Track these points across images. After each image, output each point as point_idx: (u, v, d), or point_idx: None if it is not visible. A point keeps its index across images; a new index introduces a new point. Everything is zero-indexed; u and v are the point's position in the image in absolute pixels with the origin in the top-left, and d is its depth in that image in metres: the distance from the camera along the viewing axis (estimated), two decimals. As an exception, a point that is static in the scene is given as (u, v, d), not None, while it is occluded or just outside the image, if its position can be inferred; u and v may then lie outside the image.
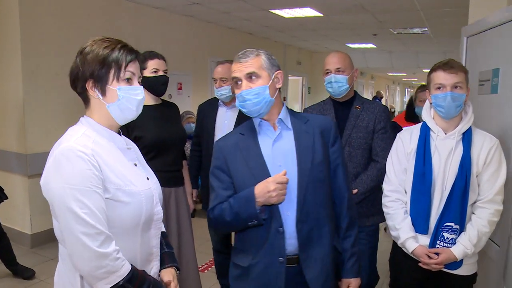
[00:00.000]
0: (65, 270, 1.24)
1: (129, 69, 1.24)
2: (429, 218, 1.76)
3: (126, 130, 2.08)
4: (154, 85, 2.30)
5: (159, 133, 2.26)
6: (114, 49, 1.22)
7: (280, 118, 1.52)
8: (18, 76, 3.85)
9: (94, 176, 1.13)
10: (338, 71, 2.21)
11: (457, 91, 1.70)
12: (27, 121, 3.90)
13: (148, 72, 2.27)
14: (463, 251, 1.70)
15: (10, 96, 3.97)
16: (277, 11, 5.56)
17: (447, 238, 1.73)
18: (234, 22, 6.43)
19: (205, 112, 2.89)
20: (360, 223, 2.27)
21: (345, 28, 6.74)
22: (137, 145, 1.45)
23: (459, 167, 1.71)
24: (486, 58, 2.22)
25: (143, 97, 1.29)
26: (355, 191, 2.18)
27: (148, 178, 1.33)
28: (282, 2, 5.08)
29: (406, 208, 1.85)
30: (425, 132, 1.81)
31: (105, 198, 1.16)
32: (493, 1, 3.13)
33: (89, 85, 1.21)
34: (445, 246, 1.73)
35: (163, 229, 1.45)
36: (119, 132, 1.32)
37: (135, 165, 1.32)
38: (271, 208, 1.45)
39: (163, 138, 2.27)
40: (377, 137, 2.23)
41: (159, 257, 1.38)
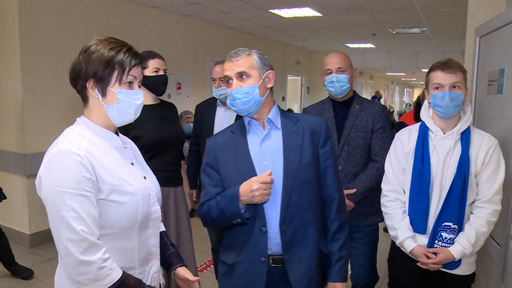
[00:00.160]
0: (66, 271, 1.23)
1: (132, 73, 1.23)
2: (428, 217, 1.76)
3: (125, 129, 2.07)
4: (155, 85, 2.30)
5: (157, 132, 2.26)
6: (120, 52, 1.21)
7: (269, 118, 1.52)
8: (17, 76, 3.84)
9: (84, 179, 1.12)
10: (339, 71, 2.20)
11: (456, 91, 1.70)
12: (26, 121, 3.89)
13: (149, 72, 2.27)
14: (462, 251, 1.70)
15: (9, 96, 3.96)
16: (276, 11, 5.56)
17: (446, 238, 1.73)
18: (233, 22, 6.42)
19: (204, 112, 2.89)
20: (359, 222, 2.28)
21: (344, 28, 6.74)
22: (136, 145, 1.44)
23: (458, 167, 1.71)
24: (495, 58, 2.21)
25: (142, 102, 1.29)
26: (354, 190, 2.18)
27: (145, 177, 1.32)
28: (281, 2, 5.08)
29: (405, 208, 1.85)
30: (424, 132, 1.81)
31: (99, 199, 1.16)
32: (492, 1, 3.14)
33: (89, 84, 1.20)
34: (443, 246, 1.74)
35: (163, 229, 1.45)
36: (116, 132, 1.31)
37: (132, 164, 1.31)
38: (256, 207, 1.45)
39: (161, 138, 2.28)
40: (376, 137, 2.23)
41: (159, 257, 1.38)
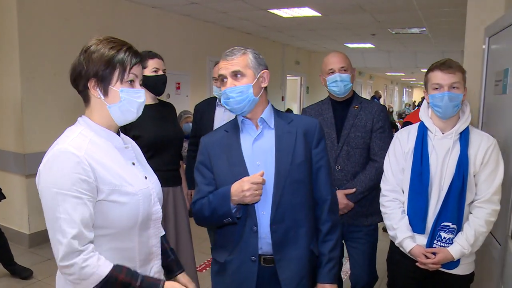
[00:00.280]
0: None
1: (133, 71, 1.24)
2: (427, 217, 1.76)
3: (124, 129, 2.07)
4: (155, 84, 2.31)
5: (156, 132, 2.26)
6: (120, 51, 1.21)
7: (262, 117, 1.52)
8: (16, 75, 3.84)
9: (80, 181, 1.11)
10: (342, 70, 2.21)
11: (455, 91, 1.70)
12: (25, 120, 3.89)
13: (148, 71, 2.27)
14: (460, 251, 1.71)
15: (8, 95, 3.96)
16: (275, 11, 5.56)
17: (444, 237, 1.73)
18: (233, 22, 6.42)
19: (203, 111, 2.89)
20: (359, 222, 2.28)
21: (343, 28, 6.74)
22: None
23: (457, 167, 1.71)
24: (502, 58, 2.20)
25: (144, 100, 1.29)
26: (353, 190, 2.18)
27: (146, 177, 1.32)
28: (281, 2, 5.07)
29: (404, 208, 1.86)
30: (423, 132, 1.81)
31: (100, 200, 1.16)
32: (491, 1, 3.14)
33: (91, 84, 1.21)
34: (442, 245, 1.74)
35: (163, 233, 1.45)
36: (118, 132, 1.31)
37: (133, 164, 1.31)
38: (247, 206, 1.46)
39: (160, 138, 2.28)
40: (376, 137, 2.23)
41: (160, 257, 1.38)
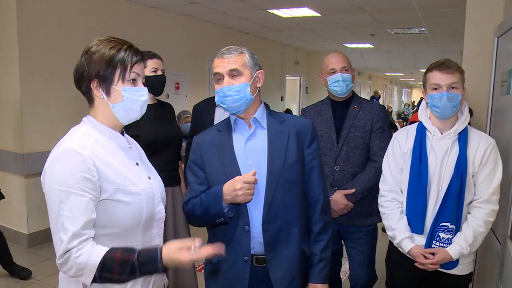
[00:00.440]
0: None
1: (135, 70, 1.24)
2: (425, 218, 1.76)
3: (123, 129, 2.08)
4: (154, 84, 2.31)
5: (155, 132, 2.27)
6: (120, 50, 1.22)
7: (255, 117, 1.52)
8: (15, 75, 3.84)
9: (84, 179, 1.12)
10: (344, 70, 2.21)
11: (453, 92, 1.70)
12: (24, 120, 3.88)
13: (147, 71, 2.27)
14: (459, 251, 1.71)
15: (7, 95, 3.96)
16: (274, 11, 5.56)
17: (443, 238, 1.73)
18: (232, 22, 6.42)
19: (202, 112, 2.88)
20: (358, 223, 2.27)
21: (342, 28, 6.75)
22: None
23: (455, 167, 1.71)
24: (508, 58, 2.20)
25: (147, 98, 1.30)
26: (353, 190, 2.18)
27: (149, 177, 1.32)
28: (280, 2, 5.08)
29: (402, 208, 1.86)
30: (421, 132, 1.81)
31: (103, 199, 1.16)
32: (490, 1, 3.14)
33: (94, 85, 1.21)
34: (441, 246, 1.74)
35: None
36: (122, 132, 1.32)
37: (137, 164, 1.32)
38: (239, 206, 1.45)
39: (159, 137, 2.28)
40: (375, 137, 2.23)
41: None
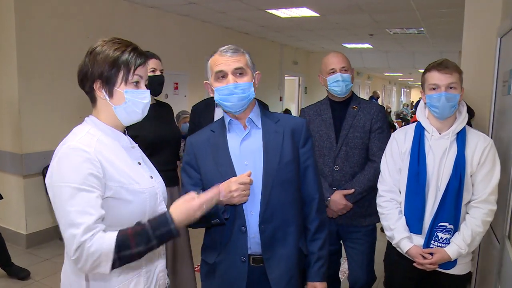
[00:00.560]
0: (72, 269, 1.25)
1: (138, 72, 1.24)
2: (424, 218, 1.76)
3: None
4: (152, 84, 2.30)
5: (154, 132, 2.26)
6: (125, 51, 1.22)
7: (250, 118, 1.52)
8: (13, 75, 3.83)
9: (91, 176, 1.12)
10: (343, 70, 2.21)
11: (452, 92, 1.70)
12: (22, 120, 3.87)
13: None
14: (457, 251, 1.71)
15: (6, 95, 3.95)
16: (273, 11, 5.56)
17: (441, 238, 1.73)
18: (231, 22, 6.42)
19: (201, 112, 2.87)
20: (357, 223, 2.27)
21: (341, 28, 6.75)
22: None
23: (453, 167, 1.71)
24: (510, 58, 2.20)
25: (150, 101, 1.29)
26: (352, 191, 2.18)
27: (152, 177, 1.33)
28: (279, 2, 5.08)
29: (401, 208, 1.86)
30: (420, 132, 1.81)
31: (107, 197, 1.17)
32: (489, 1, 3.15)
33: (97, 85, 1.22)
34: (439, 246, 1.74)
35: None
36: (124, 132, 1.32)
37: (139, 163, 1.33)
38: (235, 207, 1.45)
39: (157, 137, 2.28)
40: (374, 137, 2.22)
41: (164, 256, 1.40)
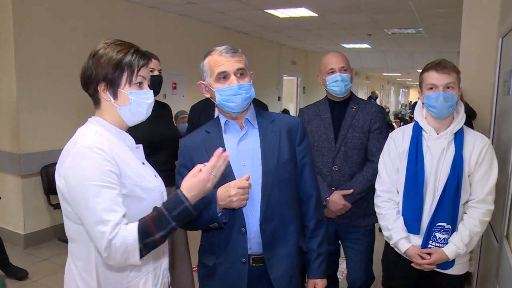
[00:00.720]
0: (80, 269, 1.24)
1: (141, 73, 1.26)
2: (421, 218, 1.76)
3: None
4: (151, 85, 2.30)
5: (152, 132, 2.26)
6: (127, 53, 1.24)
7: (246, 118, 1.52)
8: (11, 75, 3.82)
9: (111, 173, 1.14)
10: (342, 70, 2.21)
11: (450, 92, 1.70)
12: (20, 120, 3.87)
13: None
14: (455, 251, 1.71)
15: (4, 95, 3.94)
16: (272, 11, 5.56)
17: (439, 238, 1.74)
18: (229, 22, 6.42)
19: (200, 112, 2.86)
20: (356, 223, 2.27)
21: (340, 28, 6.75)
22: None
23: (451, 167, 1.71)
24: (510, 58, 2.20)
25: (153, 101, 1.32)
26: (350, 191, 2.18)
27: (155, 176, 1.36)
28: (277, 2, 5.08)
29: (399, 208, 1.86)
30: (417, 132, 1.81)
31: (122, 195, 1.18)
32: (487, 1, 3.16)
33: (101, 87, 1.23)
34: (437, 246, 1.74)
35: None
36: (127, 132, 1.34)
37: (143, 163, 1.34)
38: (235, 210, 1.44)
39: (156, 137, 2.28)
40: (373, 137, 2.22)
41: (167, 254, 1.42)
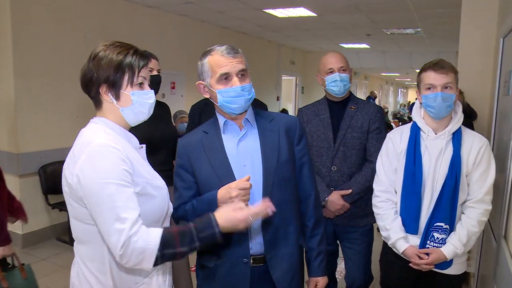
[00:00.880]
0: (94, 270, 1.23)
1: (142, 74, 1.27)
2: (419, 218, 1.76)
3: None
4: (149, 84, 2.30)
5: (150, 132, 2.25)
6: (127, 55, 1.24)
7: (246, 118, 1.52)
8: (9, 75, 3.81)
9: (126, 172, 1.15)
10: (341, 70, 2.21)
11: (448, 92, 1.69)
12: (18, 120, 3.86)
13: None
14: (453, 251, 1.71)
15: (2, 94, 3.93)
16: (270, 11, 5.56)
17: (437, 238, 1.74)
18: (228, 22, 6.41)
19: (201, 111, 2.84)
20: (354, 223, 2.27)
21: (338, 28, 6.75)
22: None
23: (449, 167, 1.71)
24: (510, 58, 2.20)
25: (154, 100, 1.33)
26: (349, 191, 2.18)
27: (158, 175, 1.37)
28: (276, 2, 5.07)
29: (397, 209, 1.86)
30: (415, 132, 1.81)
31: (135, 193, 1.18)
32: (485, 2, 3.16)
33: (103, 89, 1.23)
34: (435, 246, 1.74)
35: None
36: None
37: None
38: None
39: (154, 137, 2.27)
40: (372, 138, 2.22)
41: None
